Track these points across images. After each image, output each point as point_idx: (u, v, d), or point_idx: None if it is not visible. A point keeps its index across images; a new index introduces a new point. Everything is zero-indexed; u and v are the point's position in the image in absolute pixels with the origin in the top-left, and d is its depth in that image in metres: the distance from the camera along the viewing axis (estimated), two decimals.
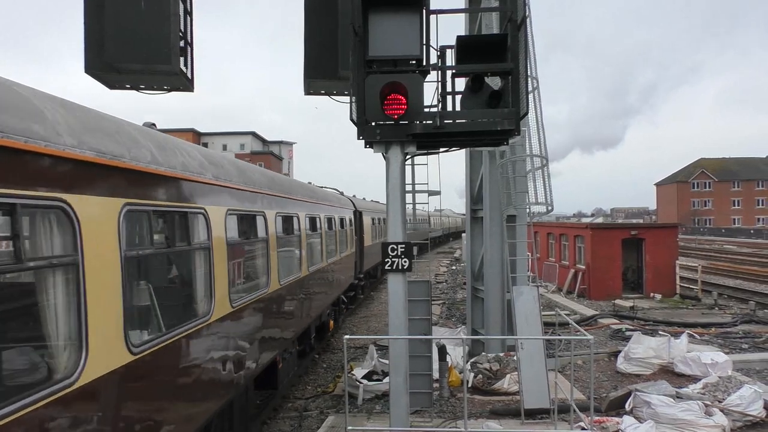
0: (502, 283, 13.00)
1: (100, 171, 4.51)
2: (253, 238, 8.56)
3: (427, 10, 6.33)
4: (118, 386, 4.60)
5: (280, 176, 12.35)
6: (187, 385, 6.02)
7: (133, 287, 5.13)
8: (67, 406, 3.89)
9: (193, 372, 6.09)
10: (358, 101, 6.37)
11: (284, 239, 10.17)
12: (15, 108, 3.75)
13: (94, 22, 7.00)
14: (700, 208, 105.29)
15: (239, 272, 7.91)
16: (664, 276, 24.73)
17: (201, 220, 6.40)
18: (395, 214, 6.78)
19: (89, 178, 4.37)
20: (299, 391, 12.33)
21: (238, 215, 7.71)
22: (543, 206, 12.02)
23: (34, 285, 3.92)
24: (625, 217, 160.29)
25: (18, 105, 3.82)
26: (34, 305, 3.91)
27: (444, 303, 22.82)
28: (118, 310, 4.63)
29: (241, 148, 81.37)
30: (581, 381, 12.00)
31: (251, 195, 8.35)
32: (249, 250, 8.49)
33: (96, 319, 4.28)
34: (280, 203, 10.02)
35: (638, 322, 18.61)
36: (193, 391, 6.14)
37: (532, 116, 11.36)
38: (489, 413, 10.32)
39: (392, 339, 6.80)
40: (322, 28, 8.02)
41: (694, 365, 12.25)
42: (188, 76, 7.72)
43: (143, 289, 5.40)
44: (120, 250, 4.68)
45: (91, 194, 4.36)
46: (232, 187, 7.50)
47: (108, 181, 4.62)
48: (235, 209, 7.54)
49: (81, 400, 4.05)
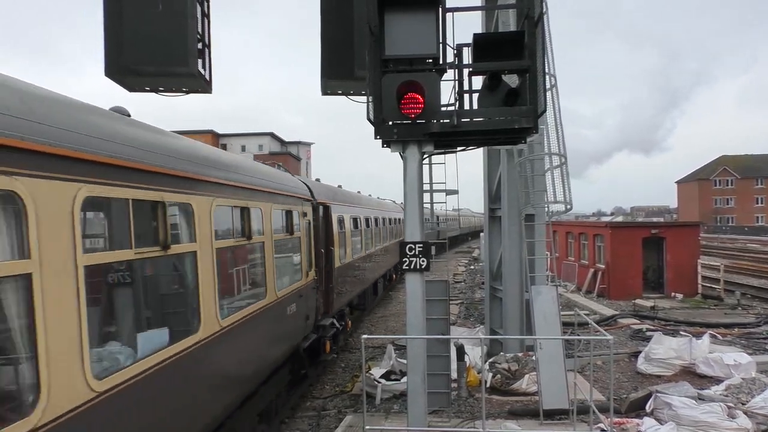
0: (521, 282, 12.92)
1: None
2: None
3: (443, 9, 6.30)
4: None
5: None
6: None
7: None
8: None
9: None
10: (374, 101, 6.36)
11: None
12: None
13: (114, 26, 7.09)
14: (722, 206, 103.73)
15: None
16: (686, 275, 24.39)
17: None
18: (413, 214, 6.77)
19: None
20: (317, 390, 12.38)
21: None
22: (562, 205, 11.92)
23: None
24: (645, 215, 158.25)
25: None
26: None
27: (462, 303, 22.75)
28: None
29: (259, 149, 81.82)
30: (601, 382, 11.88)
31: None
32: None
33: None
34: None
35: (659, 322, 18.38)
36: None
37: (550, 114, 11.28)
38: (507, 413, 10.27)
39: (410, 338, 6.78)
40: (338, 28, 8.04)
41: (717, 366, 12.06)
42: (206, 78, 7.80)
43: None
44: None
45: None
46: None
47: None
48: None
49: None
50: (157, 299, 5.67)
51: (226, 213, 6.97)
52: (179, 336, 5.48)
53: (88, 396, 3.97)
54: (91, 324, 4.08)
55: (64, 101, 4.37)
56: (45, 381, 3.57)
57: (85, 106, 4.69)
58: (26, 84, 4.06)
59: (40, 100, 4.00)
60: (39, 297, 3.56)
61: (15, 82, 3.91)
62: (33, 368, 3.53)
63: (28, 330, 3.53)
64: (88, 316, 4.02)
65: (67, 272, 3.84)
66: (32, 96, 3.94)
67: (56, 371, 3.67)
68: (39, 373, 3.54)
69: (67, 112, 4.25)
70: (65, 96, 4.50)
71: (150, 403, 4.87)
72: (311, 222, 11.41)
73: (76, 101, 4.61)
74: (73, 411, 3.81)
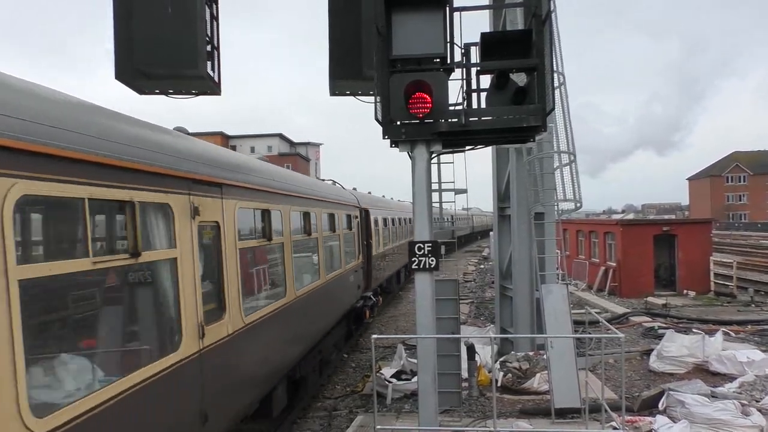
0: (531, 281, 12.88)
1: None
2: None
3: (451, 8, 6.30)
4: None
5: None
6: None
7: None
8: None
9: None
10: (382, 101, 6.37)
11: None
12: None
13: (123, 30, 7.14)
14: (734, 202, 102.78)
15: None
16: (698, 272, 24.23)
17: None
18: (422, 213, 6.77)
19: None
20: (328, 390, 12.40)
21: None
22: (571, 203, 11.88)
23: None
24: (656, 213, 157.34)
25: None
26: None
27: (472, 302, 22.71)
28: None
29: (268, 150, 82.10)
30: (612, 380, 11.83)
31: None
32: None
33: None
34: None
35: (671, 319, 18.26)
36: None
37: (559, 112, 11.25)
38: (519, 413, 10.25)
39: (420, 338, 6.79)
40: (346, 28, 8.05)
41: (730, 364, 11.98)
42: (215, 80, 7.83)
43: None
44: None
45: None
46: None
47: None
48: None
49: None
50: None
51: (326, 218, 12.05)
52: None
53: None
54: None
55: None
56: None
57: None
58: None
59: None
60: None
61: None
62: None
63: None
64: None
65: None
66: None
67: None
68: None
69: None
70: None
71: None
72: (359, 222, 16.33)
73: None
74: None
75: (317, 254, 11.12)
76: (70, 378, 4.00)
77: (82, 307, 4.31)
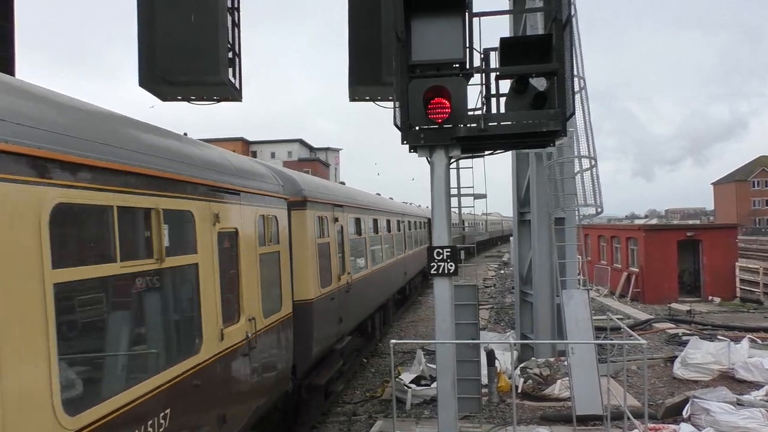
0: (552, 286, 12.78)
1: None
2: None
3: (470, 13, 6.31)
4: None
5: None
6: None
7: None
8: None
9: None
10: (401, 106, 6.39)
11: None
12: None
13: (147, 38, 7.28)
14: (761, 207, 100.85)
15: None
16: (723, 278, 23.84)
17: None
18: (440, 218, 6.77)
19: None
20: (348, 395, 12.42)
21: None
22: (592, 208, 11.77)
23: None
24: (681, 218, 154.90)
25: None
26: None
27: (492, 307, 22.59)
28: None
29: (288, 156, 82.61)
30: (635, 387, 11.67)
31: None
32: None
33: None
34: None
35: (696, 326, 17.97)
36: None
37: (579, 117, 11.17)
38: (539, 419, 10.16)
39: (439, 343, 6.77)
40: (365, 35, 8.11)
41: (757, 371, 11.76)
42: (236, 86, 7.95)
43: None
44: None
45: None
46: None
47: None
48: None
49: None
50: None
51: (393, 223, 18.46)
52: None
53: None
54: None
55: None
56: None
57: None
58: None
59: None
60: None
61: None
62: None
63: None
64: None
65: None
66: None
67: None
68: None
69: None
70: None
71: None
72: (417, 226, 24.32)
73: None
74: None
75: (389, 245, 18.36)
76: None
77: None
